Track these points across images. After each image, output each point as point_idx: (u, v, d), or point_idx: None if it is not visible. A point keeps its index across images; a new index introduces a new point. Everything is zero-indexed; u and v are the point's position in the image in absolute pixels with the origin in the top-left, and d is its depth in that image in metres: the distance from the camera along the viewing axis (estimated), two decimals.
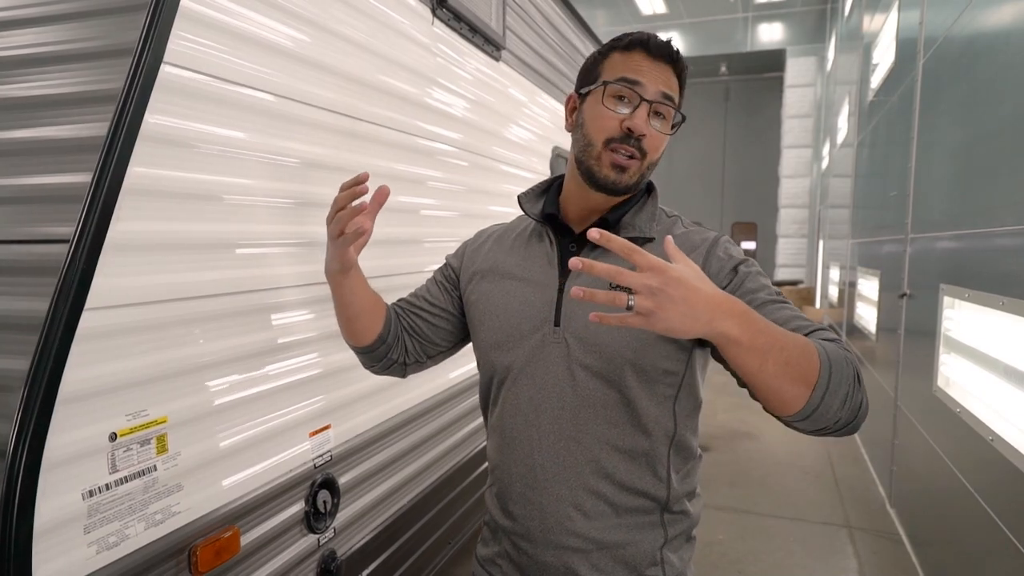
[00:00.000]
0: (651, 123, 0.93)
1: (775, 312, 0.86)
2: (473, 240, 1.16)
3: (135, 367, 1.02)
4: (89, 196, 0.93)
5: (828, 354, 0.76)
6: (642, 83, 0.93)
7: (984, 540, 2.00)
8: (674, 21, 10.55)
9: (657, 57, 0.94)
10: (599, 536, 0.96)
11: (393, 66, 1.70)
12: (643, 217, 1.00)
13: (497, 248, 1.10)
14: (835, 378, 0.75)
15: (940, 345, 2.54)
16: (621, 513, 0.96)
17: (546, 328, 0.97)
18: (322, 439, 1.47)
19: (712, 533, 3.18)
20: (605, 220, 0.99)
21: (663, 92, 0.94)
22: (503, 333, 1.01)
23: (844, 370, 0.76)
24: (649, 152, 0.95)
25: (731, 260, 0.94)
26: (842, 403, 0.76)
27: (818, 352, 0.75)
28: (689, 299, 0.67)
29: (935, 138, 2.92)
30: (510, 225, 1.14)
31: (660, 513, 0.98)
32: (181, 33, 1.06)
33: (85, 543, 0.94)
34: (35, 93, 1.04)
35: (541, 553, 0.98)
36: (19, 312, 0.92)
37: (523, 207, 1.07)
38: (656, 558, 0.98)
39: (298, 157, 1.37)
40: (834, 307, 7.04)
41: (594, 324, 0.91)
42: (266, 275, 1.30)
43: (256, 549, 1.27)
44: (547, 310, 0.97)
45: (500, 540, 1.05)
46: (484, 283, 1.07)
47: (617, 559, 0.97)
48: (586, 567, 0.97)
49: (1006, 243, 1.93)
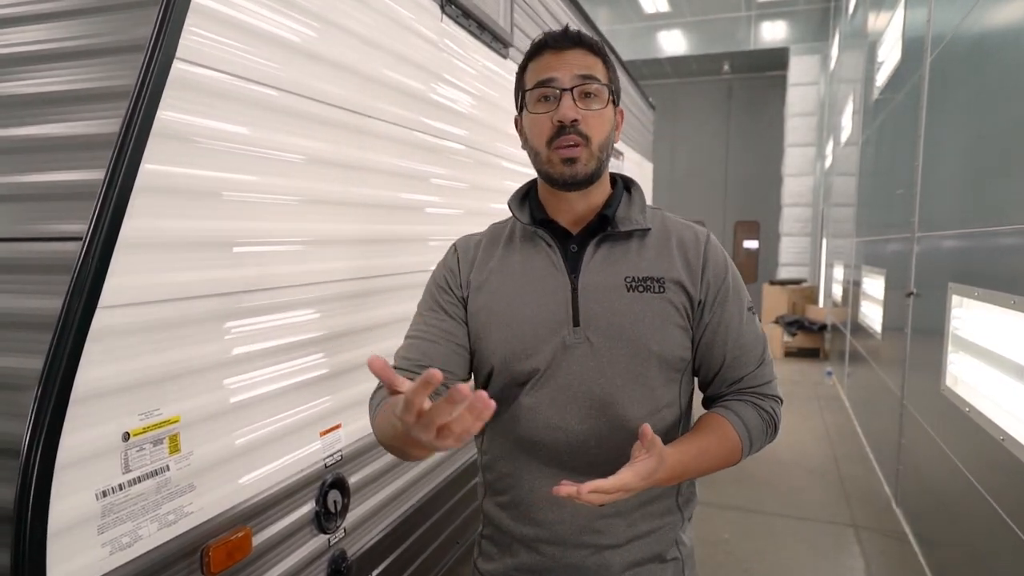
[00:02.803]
0: (580, 107, 0.95)
1: (736, 339, 1.00)
2: (463, 254, 1.08)
3: (148, 366, 1.01)
4: (102, 193, 0.92)
5: (751, 436, 0.98)
6: (555, 76, 0.95)
7: (994, 540, 2.00)
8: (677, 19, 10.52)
9: (563, 48, 0.97)
10: (631, 530, 0.99)
11: (402, 62, 1.69)
12: (635, 209, 1.02)
13: (486, 257, 1.06)
14: (755, 450, 1.00)
15: (948, 344, 2.53)
16: (645, 504, 1.00)
17: (565, 330, 0.97)
18: (333, 438, 1.46)
19: (717, 532, 3.17)
20: (604, 216, 1.00)
21: (579, 75, 0.95)
22: (519, 342, 0.98)
23: (761, 442, 1.01)
24: (593, 135, 0.95)
25: (724, 265, 1.02)
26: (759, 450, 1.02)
27: (742, 444, 0.97)
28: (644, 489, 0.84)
29: (943, 136, 2.90)
30: (490, 232, 1.10)
31: (676, 498, 1.03)
32: (193, 29, 1.05)
33: (99, 544, 0.94)
34: (47, 89, 1.03)
35: (570, 555, 0.98)
36: (32, 310, 0.92)
37: (516, 215, 1.05)
38: (674, 540, 1.03)
39: (308, 154, 1.36)
40: (838, 306, 7.03)
41: (621, 320, 0.96)
42: (277, 273, 1.29)
43: (268, 549, 1.27)
44: (563, 312, 0.97)
45: (516, 552, 1.03)
46: (484, 294, 1.02)
47: (645, 549, 1.00)
48: (618, 561, 0.98)
49: (1016, 242, 1.91)
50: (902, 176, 3.66)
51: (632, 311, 0.95)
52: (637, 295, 0.95)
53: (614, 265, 0.98)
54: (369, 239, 1.60)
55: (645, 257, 0.98)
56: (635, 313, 0.95)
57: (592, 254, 0.98)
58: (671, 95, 12.23)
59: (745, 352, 1.00)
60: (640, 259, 0.98)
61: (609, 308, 0.95)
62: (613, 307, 0.95)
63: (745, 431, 0.97)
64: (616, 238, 0.99)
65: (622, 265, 0.98)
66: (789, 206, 10.67)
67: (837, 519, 3.35)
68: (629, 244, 0.99)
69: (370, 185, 1.59)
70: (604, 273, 0.97)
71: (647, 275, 0.97)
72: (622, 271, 0.97)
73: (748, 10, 10.22)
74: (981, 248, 2.25)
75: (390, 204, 1.68)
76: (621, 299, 0.95)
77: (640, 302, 0.95)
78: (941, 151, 2.91)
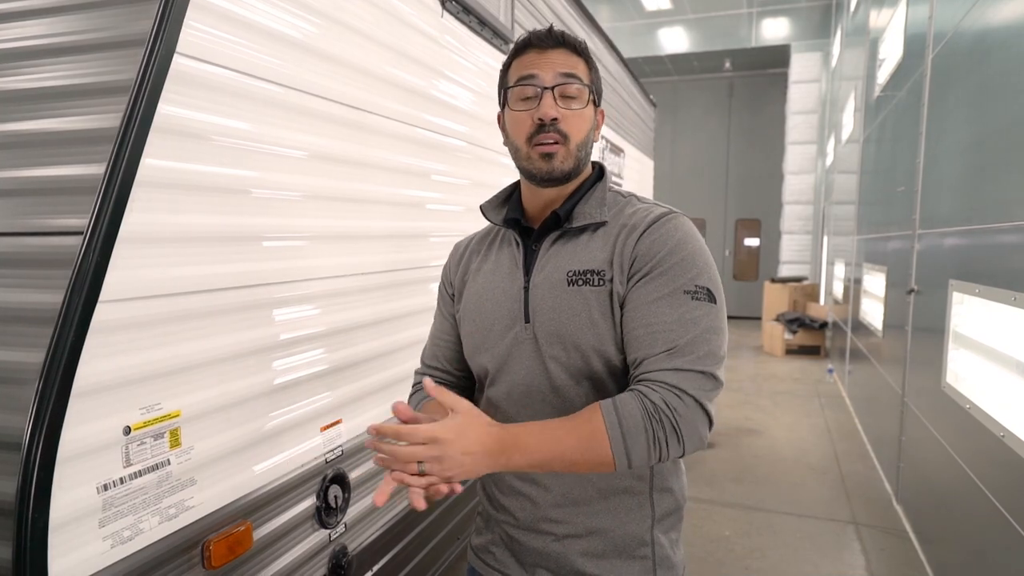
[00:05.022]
0: (561, 106, 0.95)
1: (654, 315, 0.89)
2: (453, 256, 1.18)
3: (149, 360, 1.01)
4: (103, 188, 0.92)
5: (621, 424, 0.83)
6: (536, 75, 0.96)
7: (995, 537, 2.00)
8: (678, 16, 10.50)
9: (547, 47, 0.97)
10: (589, 522, 0.98)
11: (402, 58, 1.69)
12: (592, 203, 1.01)
13: (473, 257, 1.13)
14: (633, 453, 0.84)
15: (949, 341, 2.53)
16: (609, 496, 0.98)
17: (518, 326, 1.00)
18: (333, 434, 1.46)
19: (718, 529, 3.17)
20: (556, 214, 1.00)
21: (561, 73, 0.96)
22: (480, 336, 1.04)
23: (642, 437, 0.83)
24: (571, 134, 0.97)
25: (666, 244, 0.92)
26: (648, 453, 0.84)
27: (610, 438, 0.83)
28: (467, 453, 0.81)
29: (945, 133, 2.90)
30: (483, 233, 1.16)
31: (648, 493, 1.00)
32: (193, 23, 1.05)
33: (100, 537, 0.94)
34: (48, 84, 1.03)
35: (535, 540, 1.01)
36: (33, 305, 0.92)
37: (486, 215, 1.09)
38: (646, 539, 1.00)
39: (309, 150, 1.36)
40: (839, 303, 7.03)
41: (559, 316, 0.95)
42: (279, 268, 1.29)
43: (268, 544, 1.27)
44: (516, 308, 1.00)
45: (493, 528, 1.08)
46: (465, 293, 1.10)
47: (607, 542, 0.99)
48: (576, 552, 0.99)
49: (1018, 239, 1.91)
50: (903, 173, 3.66)
51: (571, 306, 0.95)
52: (576, 289, 0.95)
53: (562, 260, 0.98)
54: (370, 236, 1.60)
55: (590, 249, 0.97)
56: (573, 308, 0.94)
57: (547, 251, 1.00)
58: (672, 92, 12.22)
59: (652, 334, 0.88)
60: (586, 252, 0.97)
61: (552, 304, 0.96)
62: (555, 303, 0.96)
63: (615, 417, 0.84)
64: (570, 233, 1.00)
65: (569, 259, 0.98)
66: (790, 204, 10.66)
67: (838, 516, 3.35)
68: (580, 238, 0.99)
69: (370, 181, 1.59)
70: (553, 269, 0.98)
71: (588, 268, 0.95)
72: (567, 265, 0.97)
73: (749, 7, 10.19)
74: (982, 245, 2.25)
75: (390, 200, 1.68)
76: (563, 294, 0.96)
77: (579, 296, 0.94)
78: (943, 148, 2.91)
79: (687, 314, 0.88)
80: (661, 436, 0.83)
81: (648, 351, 0.88)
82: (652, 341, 0.88)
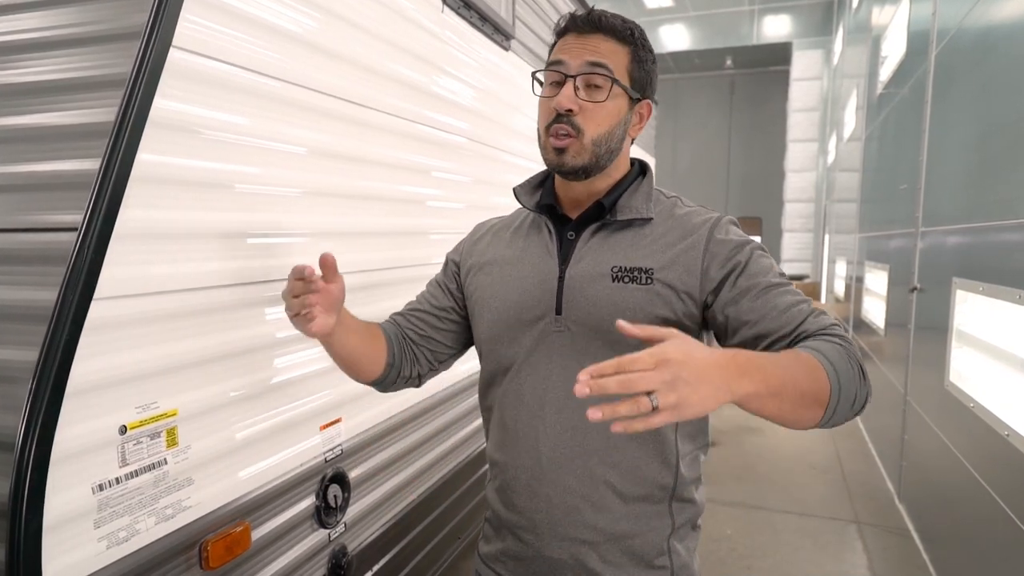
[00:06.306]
0: (583, 97, 0.91)
1: (777, 298, 0.88)
2: (471, 234, 1.15)
3: (145, 358, 0.99)
4: (97, 183, 0.91)
5: (834, 365, 0.78)
6: (564, 61, 0.92)
7: (998, 536, 1.98)
8: (680, 14, 10.48)
9: (585, 31, 0.93)
10: (608, 527, 0.95)
11: (402, 53, 1.68)
12: (639, 198, 0.98)
13: (495, 241, 1.09)
14: (845, 391, 0.78)
15: (952, 339, 2.51)
16: (629, 502, 0.95)
17: (548, 317, 0.96)
18: (333, 433, 1.45)
19: (720, 528, 3.16)
20: (601, 204, 0.97)
21: (588, 61, 0.91)
22: (504, 324, 0.99)
23: (850, 377, 0.79)
24: (587, 128, 0.92)
25: (733, 246, 0.92)
26: (850, 406, 0.80)
27: (825, 369, 0.77)
28: (703, 376, 0.65)
29: (948, 130, 2.88)
30: (508, 218, 1.13)
31: (668, 501, 0.97)
32: (190, 17, 1.03)
33: (95, 538, 0.93)
34: (42, 78, 1.02)
35: (547, 546, 0.97)
36: (27, 302, 0.90)
37: (519, 199, 1.06)
38: (664, 548, 0.97)
39: (307, 145, 1.35)
40: (840, 302, 7.01)
41: (599, 311, 0.92)
42: (277, 265, 1.28)
43: (267, 544, 1.26)
44: (548, 299, 0.96)
45: (504, 536, 1.04)
46: (482, 275, 1.06)
47: (626, 550, 0.96)
48: (595, 559, 0.96)
49: (1022, 236, 1.90)
50: (906, 171, 3.64)
51: (613, 301, 0.92)
52: (622, 286, 0.92)
53: (605, 254, 0.95)
54: (370, 233, 1.59)
55: (639, 247, 0.94)
56: (615, 304, 0.91)
57: (586, 242, 0.97)
58: (673, 90, 12.21)
59: (786, 311, 0.87)
60: (633, 249, 0.94)
61: (591, 298, 0.93)
62: (595, 297, 0.93)
63: (825, 361, 0.78)
64: (614, 227, 0.97)
65: (613, 254, 0.95)
66: (791, 202, 10.65)
67: (840, 515, 3.34)
68: (625, 233, 0.96)
69: (370, 178, 1.58)
70: (593, 262, 0.95)
71: (636, 265, 0.93)
72: (611, 260, 0.94)
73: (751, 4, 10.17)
74: (986, 243, 2.23)
75: (390, 197, 1.67)
76: (604, 289, 0.92)
77: (623, 292, 0.92)
78: (945, 146, 2.89)
79: (797, 297, 0.89)
80: (858, 371, 0.81)
81: (796, 320, 0.86)
82: (795, 315, 0.86)
